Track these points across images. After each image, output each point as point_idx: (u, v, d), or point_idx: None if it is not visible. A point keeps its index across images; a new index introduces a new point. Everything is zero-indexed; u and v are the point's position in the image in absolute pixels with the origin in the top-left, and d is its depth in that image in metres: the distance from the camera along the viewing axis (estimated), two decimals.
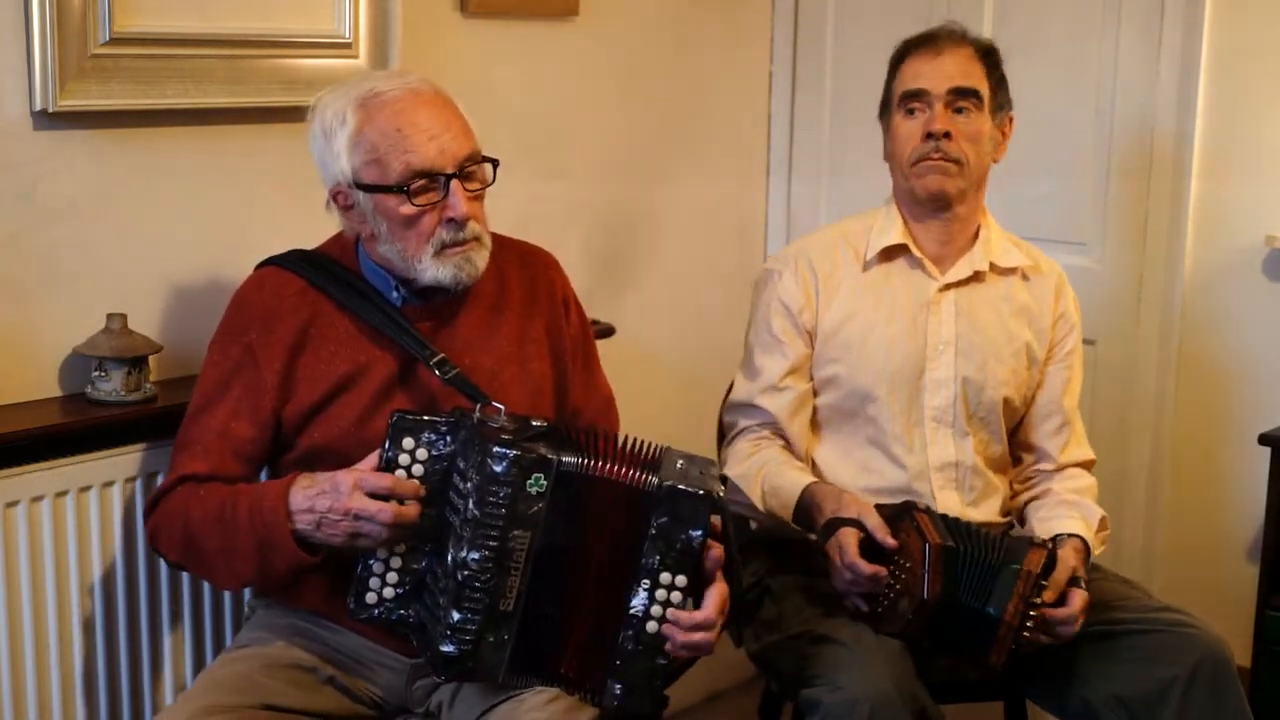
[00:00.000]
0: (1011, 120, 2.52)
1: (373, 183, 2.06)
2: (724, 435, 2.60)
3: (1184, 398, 3.13)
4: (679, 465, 2.01)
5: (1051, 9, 3.20)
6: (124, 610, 2.31)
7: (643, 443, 2.03)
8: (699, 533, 1.96)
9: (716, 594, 2.01)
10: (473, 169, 2.10)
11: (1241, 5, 3.00)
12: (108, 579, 2.29)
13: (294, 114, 2.51)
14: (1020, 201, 3.27)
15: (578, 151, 3.09)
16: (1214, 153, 3.05)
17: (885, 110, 2.51)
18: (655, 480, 1.96)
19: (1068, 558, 2.28)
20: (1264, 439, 2.81)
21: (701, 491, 1.96)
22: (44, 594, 2.22)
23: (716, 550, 2.01)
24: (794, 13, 3.52)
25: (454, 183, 2.07)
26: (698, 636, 1.98)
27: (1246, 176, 3.02)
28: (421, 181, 2.05)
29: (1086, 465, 2.57)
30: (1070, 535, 2.36)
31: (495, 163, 2.13)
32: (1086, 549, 2.36)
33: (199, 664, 2.39)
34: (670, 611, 1.97)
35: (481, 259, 2.12)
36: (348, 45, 2.59)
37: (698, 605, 2.00)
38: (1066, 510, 2.43)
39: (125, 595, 2.31)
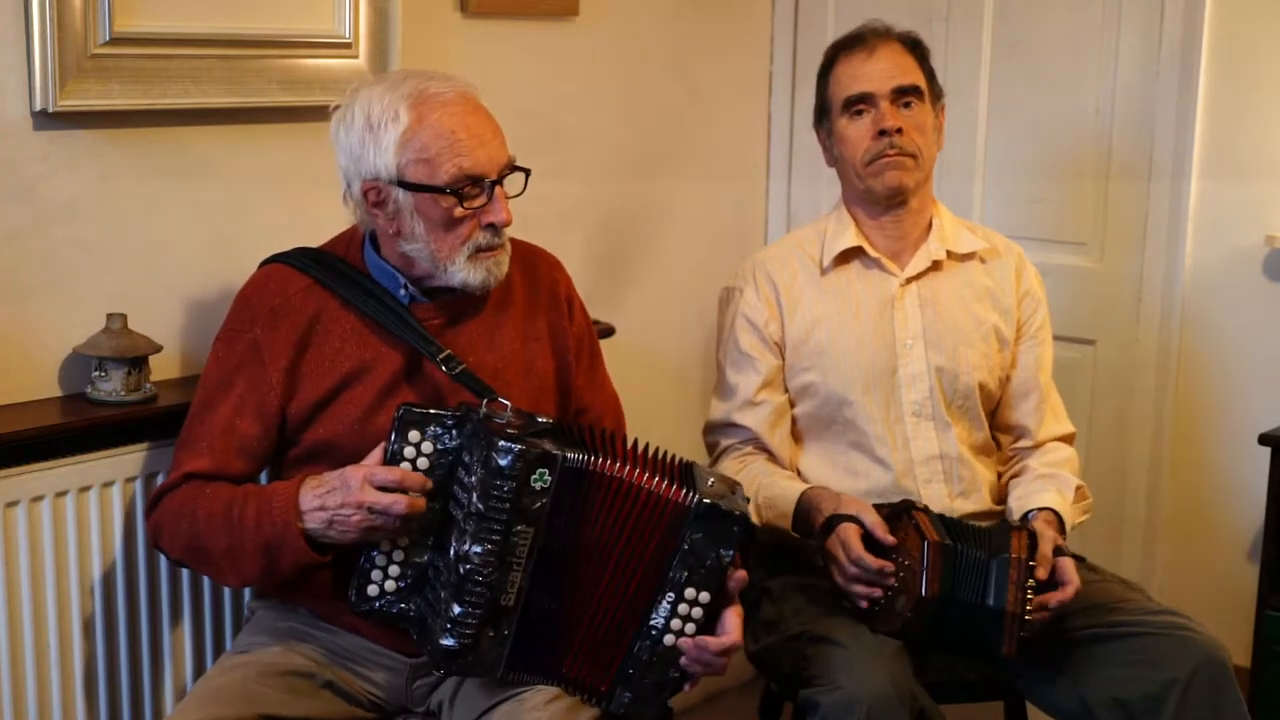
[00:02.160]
0: (944, 108, 2.54)
1: (419, 182, 2.06)
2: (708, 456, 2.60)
3: (1184, 398, 3.13)
4: (710, 482, 2.01)
5: (1051, 9, 3.20)
6: (124, 610, 2.31)
7: (667, 452, 2.03)
8: (730, 553, 1.97)
9: (736, 617, 2.02)
10: (508, 176, 2.12)
11: (1241, 5, 3.00)
12: (107, 579, 2.29)
13: (294, 114, 2.52)
14: (1020, 201, 3.27)
15: (578, 151, 3.09)
16: (1214, 153, 3.05)
17: (823, 117, 2.53)
18: (694, 495, 1.97)
19: (1044, 531, 2.30)
20: (1264, 439, 2.81)
21: (738, 512, 1.97)
22: (44, 594, 2.22)
23: (741, 573, 2.02)
24: (794, 13, 3.52)
25: (497, 189, 2.08)
26: (721, 661, 2.00)
27: (1246, 176, 3.02)
28: (469, 186, 2.06)
29: (1067, 439, 2.58)
30: (1040, 509, 2.37)
31: (528, 172, 2.14)
32: (1059, 519, 2.38)
33: (199, 664, 2.39)
34: (689, 627, 1.99)
35: (507, 264, 2.15)
36: (348, 45, 2.59)
37: (712, 623, 2.01)
38: (1042, 485, 2.45)
39: (125, 595, 2.31)
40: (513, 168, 2.12)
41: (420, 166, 2.06)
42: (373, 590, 2.02)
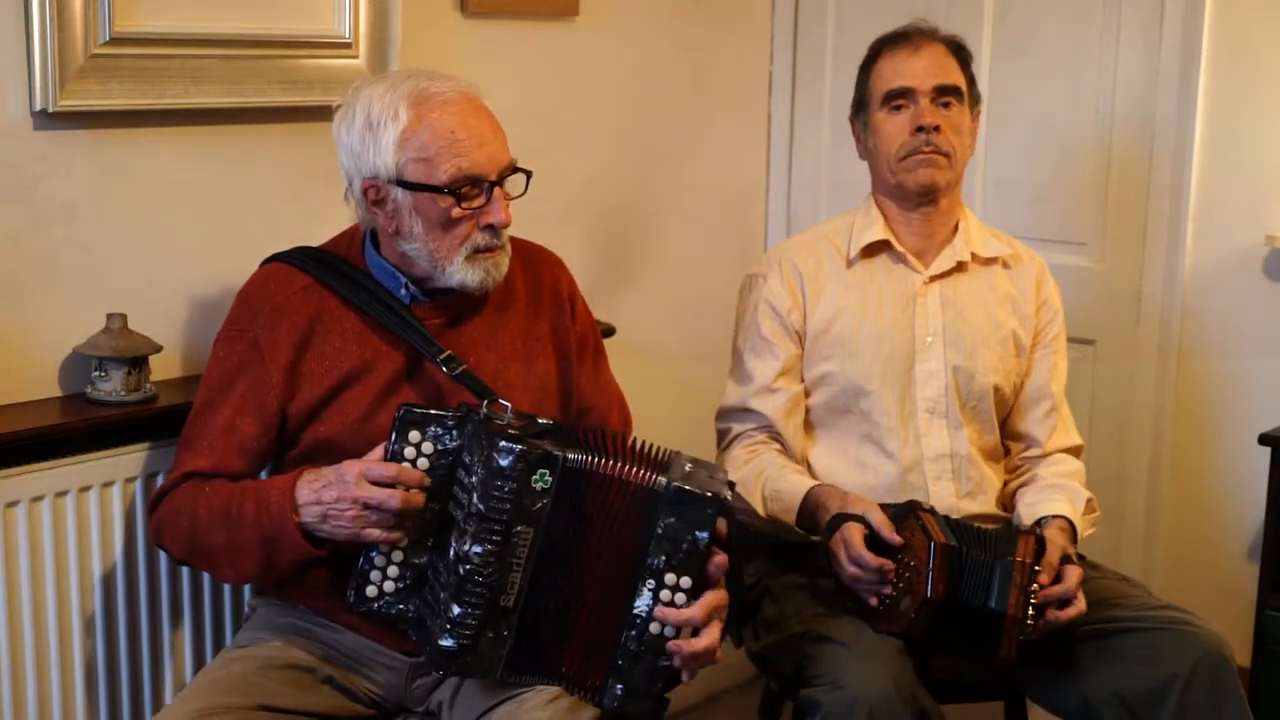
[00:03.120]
0: (979, 113, 2.56)
1: (417, 181, 2.06)
2: (719, 442, 2.61)
3: (1184, 398, 3.13)
4: (687, 468, 2.01)
5: (1051, 8, 3.20)
6: (124, 610, 2.31)
7: (651, 444, 2.03)
8: (705, 534, 1.96)
9: (711, 596, 2.00)
10: (508, 178, 2.12)
11: (1241, 6, 3.00)
12: (107, 579, 2.29)
13: (294, 114, 2.52)
14: (1020, 201, 3.27)
15: (578, 151, 3.09)
16: (1214, 153, 3.05)
17: (861, 109, 2.54)
18: (663, 480, 1.97)
19: (1055, 538, 2.30)
20: (1264, 439, 2.81)
21: (709, 494, 1.96)
22: (44, 594, 2.22)
23: (721, 557, 2.01)
24: (794, 13, 3.52)
25: (497, 190, 2.09)
26: (700, 644, 1.98)
27: (1246, 176, 3.02)
28: (468, 187, 2.06)
29: (1074, 451, 2.58)
30: (1054, 516, 2.38)
31: (529, 173, 2.14)
32: (1073, 528, 2.38)
33: (199, 663, 2.39)
34: (658, 610, 1.98)
35: (506, 265, 2.15)
36: (348, 45, 2.59)
37: None
38: (1052, 494, 2.45)
39: (125, 595, 2.31)
40: (514, 169, 2.12)
41: (419, 166, 2.06)
42: (371, 591, 2.02)
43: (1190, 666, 2.21)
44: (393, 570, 2.02)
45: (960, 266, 2.53)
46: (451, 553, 1.96)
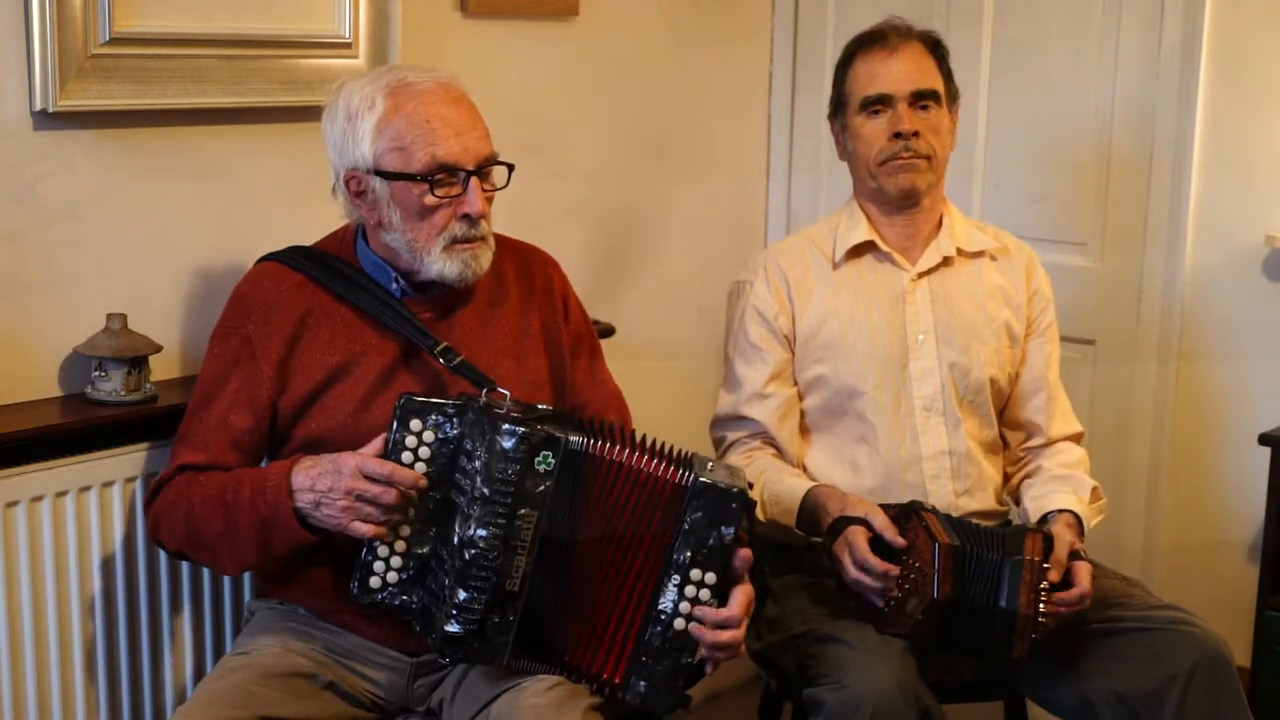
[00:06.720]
0: (959, 107, 2.54)
1: (394, 170, 2.08)
2: (715, 451, 2.60)
3: (1184, 398, 3.13)
4: (709, 466, 2.03)
5: (1051, 8, 3.20)
6: (124, 610, 2.31)
7: (667, 443, 2.04)
8: (731, 531, 1.98)
9: (743, 593, 2.02)
10: (488, 170, 2.13)
11: (1241, 5, 3.00)
12: (107, 579, 2.29)
13: (294, 114, 2.52)
14: (1020, 201, 3.27)
15: (578, 151, 3.09)
16: (1214, 153, 3.05)
17: (839, 111, 2.54)
18: (690, 476, 1.98)
19: (1062, 534, 2.30)
20: (1264, 439, 2.81)
21: (735, 489, 1.98)
22: (44, 594, 2.22)
23: (746, 552, 2.02)
24: (794, 13, 3.52)
25: (473, 180, 2.09)
26: (725, 635, 2.00)
27: (1246, 176, 3.02)
28: (443, 175, 2.07)
29: (1076, 438, 2.58)
30: (1060, 511, 2.38)
31: (510, 167, 2.15)
32: (1079, 521, 2.38)
33: (199, 662, 2.39)
34: (697, 609, 1.99)
35: (487, 258, 2.15)
36: (348, 45, 2.59)
37: (721, 603, 2.01)
38: (1057, 486, 2.45)
39: (125, 595, 2.31)
40: (494, 161, 2.13)
41: (395, 155, 2.08)
42: (375, 582, 2.03)
43: (1190, 666, 2.21)
44: (396, 560, 2.02)
45: (947, 261, 2.52)
46: (456, 538, 1.97)
